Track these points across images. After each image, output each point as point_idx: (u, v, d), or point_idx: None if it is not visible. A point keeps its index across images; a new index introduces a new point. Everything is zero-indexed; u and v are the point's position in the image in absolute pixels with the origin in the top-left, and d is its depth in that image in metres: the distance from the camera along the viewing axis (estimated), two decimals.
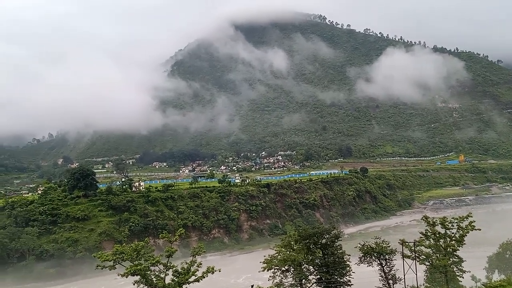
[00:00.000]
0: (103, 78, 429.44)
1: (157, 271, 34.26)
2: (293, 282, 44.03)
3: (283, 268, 43.83)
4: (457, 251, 44.28)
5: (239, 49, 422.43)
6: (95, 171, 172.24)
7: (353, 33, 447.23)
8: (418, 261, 45.15)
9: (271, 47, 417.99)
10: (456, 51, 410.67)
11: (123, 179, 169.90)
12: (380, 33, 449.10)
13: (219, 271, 34.49)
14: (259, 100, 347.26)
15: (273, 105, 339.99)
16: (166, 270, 34.39)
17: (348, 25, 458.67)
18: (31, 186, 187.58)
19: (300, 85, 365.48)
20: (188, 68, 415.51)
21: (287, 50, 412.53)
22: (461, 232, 43.76)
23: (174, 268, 34.57)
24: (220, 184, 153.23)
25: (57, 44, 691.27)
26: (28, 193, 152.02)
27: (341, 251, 45.79)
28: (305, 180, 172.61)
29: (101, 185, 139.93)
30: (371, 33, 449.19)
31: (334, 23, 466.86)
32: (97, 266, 34.77)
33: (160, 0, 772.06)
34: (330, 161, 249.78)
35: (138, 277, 33.21)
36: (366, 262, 45.32)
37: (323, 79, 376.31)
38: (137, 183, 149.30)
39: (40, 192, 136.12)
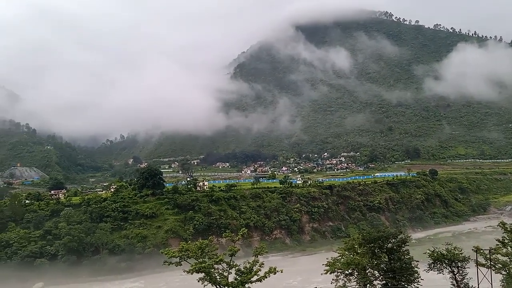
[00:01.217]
0: (170, 81, 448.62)
1: (220, 270, 34.82)
2: (357, 286, 42.84)
3: (346, 272, 42.83)
4: None
5: (300, 49, 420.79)
6: (162, 170, 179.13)
7: (421, 29, 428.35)
8: (493, 270, 42.03)
9: (333, 46, 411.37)
10: None
11: (188, 179, 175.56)
12: (451, 28, 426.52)
13: (281, 272, 34.37)
14: (321, 100, 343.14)
15: (335, 105, 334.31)
16: (229, 269, 34.85)
17: (417, 21, 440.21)
18: (104, 184, 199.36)
19: (364, 84, 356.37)
20: (250, 70, 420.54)
21: (349, 49, 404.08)
22: None
23: (237, 267, 34.95)
24: (281, 185, 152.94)
25: (129, 50, 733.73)
26: (102, 191, 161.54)
27: (408, 256, 43.71)
28: (370, 182, 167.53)
29: (167, 184, 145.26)
30: (441, 29, 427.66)
31: (401, 20, 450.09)
32: (164, 262, 36.09)
33: (224, 4, 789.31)
34: (396, 162, 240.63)
35: (203, 274, 33.97)
36: (436, 269, 43.01)
37: (389, 78, 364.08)
38: (201, 183, 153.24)
39: (112, 190, 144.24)
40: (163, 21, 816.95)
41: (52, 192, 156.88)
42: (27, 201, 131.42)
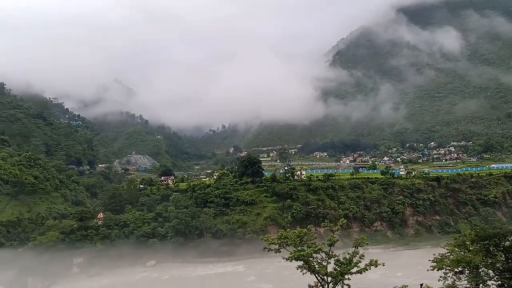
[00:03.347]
0: (269, 72, 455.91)
1: (319, 259, 34.56)
2: (468, 285, 39.60)
3: (456, 270, 39.86)
4: None
5: (403, 32, 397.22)
6: (261, 159, 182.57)
7: None
8: None
9: (440, 27, 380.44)
10: None
11: (286, 168, 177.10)
12: None
13: (383, 265, 33.00)
14: (427, 86, 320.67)
15: (444, 90, 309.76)
16: (328, 259, 34.42)
17: None
18: (208, 171, 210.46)
19: (477, 67, 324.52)
20: (350, 57, 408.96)
21: (459, 29, 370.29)
22: None
23: (336, 258, 34.41)
24: (382, 176, 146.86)
25: (228, 43, 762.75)
26: (205, 178, 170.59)
27: None
28: (484, 174, 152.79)
29: (266, 173, 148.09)
30: None
31: None
32: (264, 248, 36.82)
33: None
34: None
35: (301, 262, 34.03)
36: None
37: (508, 59, 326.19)
38: (298, 172, 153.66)
39: (215, 177, 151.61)
40: (261, 14, 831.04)
41: (162, 178, 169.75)
42: (141, 186, 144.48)
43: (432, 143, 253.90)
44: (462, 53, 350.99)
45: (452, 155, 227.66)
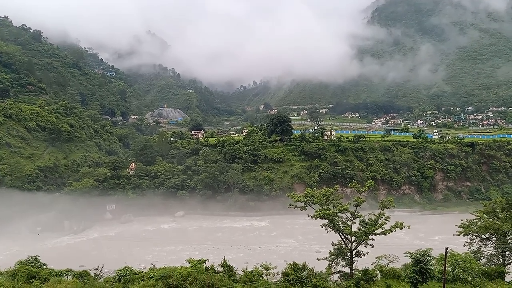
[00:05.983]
0: (305, 28, 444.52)
1: (344, 218, 34.76)
2: (494, 252, 39.33)
3: (483, 236, 39.67)
4: None
5: None
6: (291, 118, 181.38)
7: None
8: None
9: None
10: None
11: (316, 127, 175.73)
12: None
13: (408, 228, 32.92)
14: (470, 47, 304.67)
15: (488, 52, 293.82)
16: (353, 219, 34.57)
17: None
18: (237, 128, 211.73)
19: None
20: (389, 14, 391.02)
21: None
22: None
23: (361, 218, 34.49)
24: (414, 139, 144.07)
25: None
26: (235, 134, 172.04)
27: None
28: None
29: (295, 132, 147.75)
30: None
31: None
32: (290, 205, 37.25)
33: None
34: None
35: (326, 221, 34.32)
36: None
37: None
38: (328, 132, 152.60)
39: (244, 134, 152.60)
40: None
41: (193, 132, 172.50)
42: (172, 139, 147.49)
43: (470, 107, 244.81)
44: (509, 13, 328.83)
45: (490, 120, 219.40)
